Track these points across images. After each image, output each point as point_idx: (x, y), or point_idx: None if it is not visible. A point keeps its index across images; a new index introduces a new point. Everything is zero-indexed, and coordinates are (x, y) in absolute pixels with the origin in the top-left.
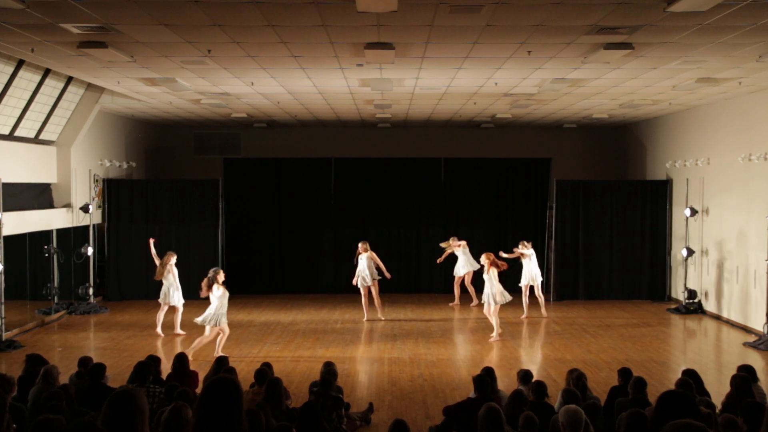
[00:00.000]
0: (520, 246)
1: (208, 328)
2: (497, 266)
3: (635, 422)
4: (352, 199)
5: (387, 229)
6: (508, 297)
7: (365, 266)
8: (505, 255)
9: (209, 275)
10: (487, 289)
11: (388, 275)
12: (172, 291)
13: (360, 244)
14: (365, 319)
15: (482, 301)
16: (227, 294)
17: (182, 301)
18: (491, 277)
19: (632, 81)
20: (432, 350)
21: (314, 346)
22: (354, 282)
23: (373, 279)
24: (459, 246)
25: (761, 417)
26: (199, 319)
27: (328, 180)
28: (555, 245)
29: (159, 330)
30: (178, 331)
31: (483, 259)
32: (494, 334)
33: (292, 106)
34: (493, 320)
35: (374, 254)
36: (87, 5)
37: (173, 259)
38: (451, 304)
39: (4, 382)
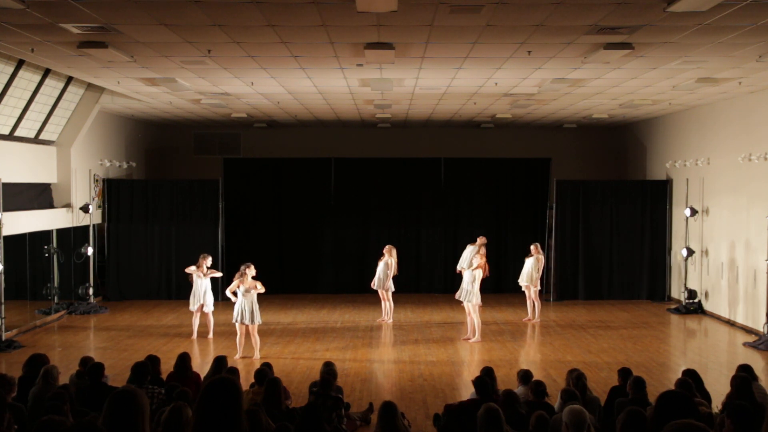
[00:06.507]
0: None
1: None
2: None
3: (632, 421)
4: (352, 199)
5: (387, 229)
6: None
7: (380, 270)
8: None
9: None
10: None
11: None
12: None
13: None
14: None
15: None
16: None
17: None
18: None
19: (632, 81)
20: (432, 350)
21: (314, 346)
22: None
23: (382, 287)
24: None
25: (750, 420)
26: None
27: (328, 180)
28: (555, 245)
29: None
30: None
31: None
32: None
33: (292, 106)
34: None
35: (391, 255)
36: (87, 5)
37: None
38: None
39: (4, 382)
